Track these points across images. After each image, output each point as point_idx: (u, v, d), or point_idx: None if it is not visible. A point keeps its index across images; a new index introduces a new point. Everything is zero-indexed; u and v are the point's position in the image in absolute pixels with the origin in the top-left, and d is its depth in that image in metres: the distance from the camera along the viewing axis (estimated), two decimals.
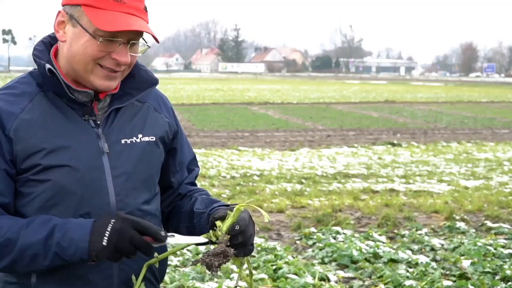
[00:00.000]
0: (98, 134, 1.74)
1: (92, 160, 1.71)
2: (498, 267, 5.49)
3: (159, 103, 1.92)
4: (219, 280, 5.08)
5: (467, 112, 26.68)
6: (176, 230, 1.96)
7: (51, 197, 1.68)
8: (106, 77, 1.70)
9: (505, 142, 16.54)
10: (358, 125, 20.53)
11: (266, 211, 7.96)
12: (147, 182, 1.82)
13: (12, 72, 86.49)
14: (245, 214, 1.71)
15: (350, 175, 10.75)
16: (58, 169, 1.67)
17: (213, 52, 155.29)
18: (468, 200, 8.57)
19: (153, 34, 1.70)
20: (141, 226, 1.61)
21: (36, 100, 1.72)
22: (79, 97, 1.73)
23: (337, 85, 60.88)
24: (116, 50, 1.67)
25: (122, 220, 1.60)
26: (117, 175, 1.74)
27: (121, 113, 1.80)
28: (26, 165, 1.67)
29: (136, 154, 1.79)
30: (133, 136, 1.80)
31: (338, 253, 5.84)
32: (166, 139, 1.90)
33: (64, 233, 1.61)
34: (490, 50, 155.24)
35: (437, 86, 62.56)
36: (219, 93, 41.22)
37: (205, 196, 1.94)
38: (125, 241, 1.59)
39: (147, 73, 1.85)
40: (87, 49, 1.66)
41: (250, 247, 1.73)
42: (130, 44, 1.70)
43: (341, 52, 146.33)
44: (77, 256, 1.61)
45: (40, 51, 1.74)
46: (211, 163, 11.84)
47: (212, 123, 20.33)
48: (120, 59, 1.68)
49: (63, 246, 1.61)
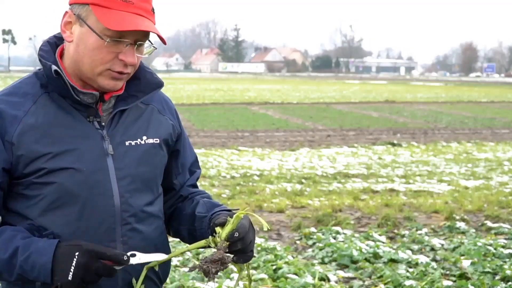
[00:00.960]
0: (103, 135, 1.74)
1: (97, 162, 1.71)
2: (498, 267, 5.49)
3: (163, 105, 1.92)
4: (219, 280, 5.08)
5: (467, 112, 26.69)
6: (177, 232, 1.97)
7: (56, 199, 1.68)
8: (113, 78, 1.70)
9: (505, 142, 16.55)
10: (358, 125, 20.53)
11: (266, 211, 7.96)
12: (150, 184, 1.82)
13: (12, 72, 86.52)
14: (245, 221, 1.70)
15: (350, 175, 10.75)
16: (62, 172, 1.67)
17: (213, 52, 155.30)
18: (468, 200, 8.57)
19: (161, 35, 1.70)
20: (105, 255, 1.62)
21: (40, 102, 1.71)
22: (84, 98, 1.73)
23: (337, 85, 60.88)
24: (123, 51, 1.67)
25: (86, 253, 1.60)
26: (121, 176, 1.74)
27: (125, 115, 1.80)
28: (30, 169, 1.67)
29: (140, 156, 1.78)
30: (137, 138, 1.80)
31: (338, 253, 5.84)
32: (170, 141, 1.90)
33: (27, 256, 1.61)
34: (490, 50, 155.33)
35: (437, 86, 62.56)
36: (219, 93, 41.23)
37: (207, 200, 1.93)
38: (91, 274, 1.60)
39: (153, 76, 1.85)
40: (94, 51, 1.66)
41: (250, 254, 1.73)
42: (137, 45, 1.69)
43: (341, 52, 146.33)
44: (40, 279, 1.62)
45: (45, 52, 1.74)
46: (211, 163, 11.84)
47: (212, 123, 20.33)
48: (127, 60, 1.67)
49: (26, 269, 1.61)
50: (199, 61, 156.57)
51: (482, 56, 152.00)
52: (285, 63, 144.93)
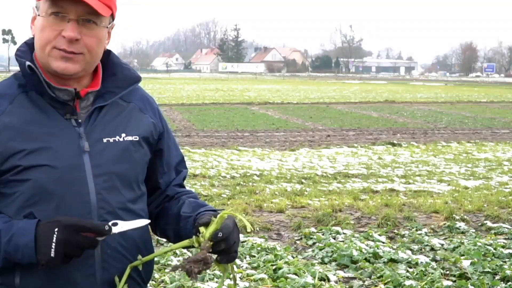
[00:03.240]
0: (79, 133, 1.75)
1: (72, 159, 1.72)
2: (498, 267, 5.49)
3: (144, 103, 1.92)
4: (219, 280, 5.07)
5: (467, 112, 26.68)
6: (163, 232, 1.97)
7: (31, 197, 1.69)
8: (61, 58, 1.71)
9: (505, 142, 16.53)
10: (358, 125, 20.53)
11: (266, 211, 7.96)
12: (130, 182, 1.81)
13: (12, 72, 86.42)
14: (229, 221, 1.70)
15: (350, 175, 10.75)
16: (37, 169, 1.68)
17: (213, 52, 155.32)
18: (468, 200, 8.57)
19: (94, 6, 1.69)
20: (85, 228, 1.63)
21: (17, 102, 1.73)
22: (60, 95, 1.74)
23: (337, 85, 60.86)
24: (65, 27, 1.69)
25: (65, 228, 1.60)
26: (98, 174, 1.74)
27: (104, 112, 1.80)
28: (6, 166, 1.69)
29: (118, 153, 1.78)
30: (116, 135, 1.80)
31: (338, 253, 5.84)
32: (151, 139, 1.89)
33: (10, 238, 1.63)
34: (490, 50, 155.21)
35: (437, 86, 62.55)
36: (219, 93, 41.20)
37: (192, 200, 1.93)
38: (73, 248, 1.61)
39: (130, 71, 1.86)
40: (42, 32, 1.71)
41: (234, 254, 1.74)
42: (82, 22, 1.71)
43: (341, 52, 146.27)
44: (25, 261, 1.63)
45: (22, 51, 1.78)
46: (211, 163, 11.84)
47: (212, 123, 20.32)
48: (66, 34, 1.69)
49: (10, 251, 1.63)
50: (199, 61, 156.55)
51: (482, 56, 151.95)
52: (285, 63, 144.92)
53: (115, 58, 1.87)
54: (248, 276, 5.24)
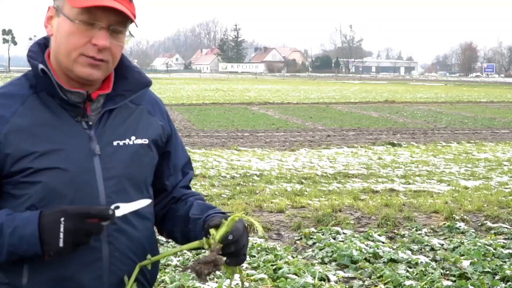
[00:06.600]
0: (90, 135, 1.74)
1: (83, 162, 1.71)
2: (498, 267, 5.49)
3: (153, 106, 1.92)
4: (219, 280, 5.08)
5: (467, 112, 26.68)
6: (170, 233, 1.97)
7: (41, 199, 1.67)
8: (89, 65, 1.69)
9: (505, 142, 16.53)
10: (358, 125, 20.52)
11: (266, 211, 7.96)
12: (139, 185, 1.81)
13: (12, 72, 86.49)
14: (239, 224, 1.70)
15: (350, 175, 10.75)
16: (48, 171, 1.67)
17: (213, 52, 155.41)
18: (468, 200, 8.57)
19: (129, 14, 1.68)
20: (90, 214, 1.61)
21: (28, 103, 1.72)
22: (72, 97, 1.72)
23: (337, 85, 60.87)
24: (96, 35, 1.67)
25: (72, 216, 1.59)
26: (108, 177, 1.73)
27: (114, 115, 1.79)
28: (17, 168, 1.67)
29: (128, 156, 1.78)
30: (125, 138, 1.79)
31: (338, 253, 5.85)
32: (160, 142, 1.89)
33: (13, 231, 1.60)
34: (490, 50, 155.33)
35: (437, 86, 62.55)
36: (219, 93, 41.21)
37: (201, 202, 1.93)
38: (81, 236, 1.59)
39: (140, 75, 1.85)
40: (69, 37, 1.67)
41: (242, 257, 1.74)
42: (112, 31, 1.69)
43: (341, 52, 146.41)
44: (30, 252, 1.61)
45: (34, 52, 1.75)
46: (211, 163, 11.84)
47: (212, 123, 20.32)
48: (98, 42, 1.67)
49: (14, 243, 1.60)
50: (199, 61, 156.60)
51: (482, 56, 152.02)
52: (285, 63, 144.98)
53: (127, 61, 1.85)
54: (248, 276, 5.24)
